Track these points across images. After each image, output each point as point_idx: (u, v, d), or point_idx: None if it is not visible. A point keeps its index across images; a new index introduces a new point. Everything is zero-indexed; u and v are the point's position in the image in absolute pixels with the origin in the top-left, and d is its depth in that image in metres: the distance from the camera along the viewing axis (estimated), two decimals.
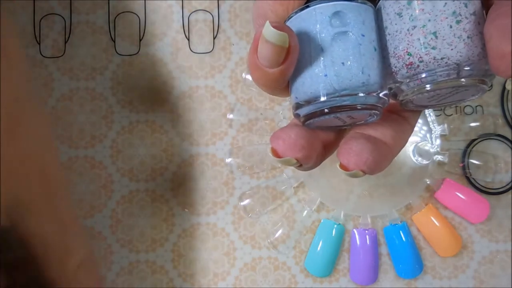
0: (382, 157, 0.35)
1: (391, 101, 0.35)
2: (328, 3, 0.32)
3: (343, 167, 0.34)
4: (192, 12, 0.60)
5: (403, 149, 0.38)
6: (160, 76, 0.60)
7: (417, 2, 0.31)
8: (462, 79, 0.30)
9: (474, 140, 0.59)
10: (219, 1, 0.60)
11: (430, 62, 0.30)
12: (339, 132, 0.38)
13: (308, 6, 0.32)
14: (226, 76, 0.60)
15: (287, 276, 0.59)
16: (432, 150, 0.58)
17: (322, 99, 0.31)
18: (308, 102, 0.32)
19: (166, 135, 0.60)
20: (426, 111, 0.58)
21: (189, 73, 0.60)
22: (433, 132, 0.58)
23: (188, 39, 0.60)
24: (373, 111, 0.32)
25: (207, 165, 0.60)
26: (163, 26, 0.60)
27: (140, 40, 0.60)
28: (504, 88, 0.59)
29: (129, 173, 0.60)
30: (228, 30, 0.60)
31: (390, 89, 0.33)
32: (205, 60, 0.60)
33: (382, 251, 0.59)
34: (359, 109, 0.32)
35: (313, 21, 0.32)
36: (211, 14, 0.60)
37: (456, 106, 0.59)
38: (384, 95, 0.32)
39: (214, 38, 0.60)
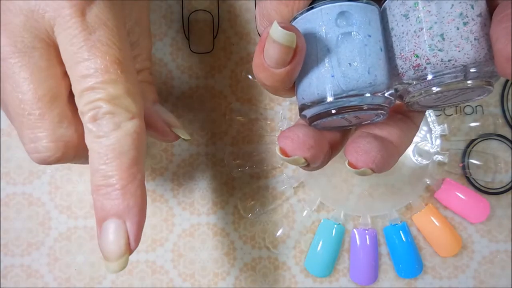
0: (390, 156, 0.35)
1: (397, 101, 0.35)
2: (333, 4, 0.32)
3: (351, 165, 0.34)
4: (192, 12, 0.60)
5: None
6: (160, 76, 0.60)
7: (423, 4, 0.31)
8: (469, 81, 0.30)
9: (474, 140, 0.59)
10: (219, 1, 0.60)
11: (437, 64, 0.30)
12: (344, 132, 0.38)
13: (313, 7, 0.32)
14: (226, 76, 0.60)
15: (287, 276, 0.59)
16: (432, 150, 0.58)
17: (329, 99, 0.31)
18: (315, 103, 0.32)
19: None
20: (426, 111, 0.58)
21: (189, 73, 0.60)
22: (433, 132, 0.58)
23: (188, 39, 0.60)
24: (380, 111, 0.32)
25: (207, 165, 0.60)
26: (163, 26, 0.60)
27: None
28: (504, 88, 0.59)
29: None
30: (228, 30, 0.60)
31: (396, 90, 0.33)
32: (205, 60, 0.60)
33: (382, 251, 0.59)
34: (366, 109, 0.32)
35: (319, 21, 0.32)
36: (211, 14, 0.60)
37: (456, 106, 0.59)
38: (390, 94, 0.32)
39: (214, 38, 0.60)
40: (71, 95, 0.38)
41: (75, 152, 0.39)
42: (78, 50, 0.36)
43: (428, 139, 0.58)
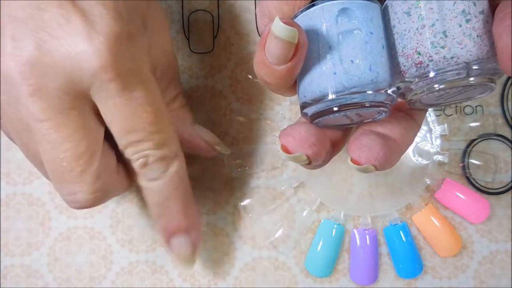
0: (392, 153, 0.35)
1: (398, 99, 0.35)
2: (335, 1, 0.32)
3: (354, 161, 0.34)
4: (192, 12, 0.60)
5: None
6: None
7: (425, 2, 0.31)
8: (471, 78, 0.30)
9: (474, 140, 0.59)
10: (219, 1, 0.60)
11: (439, 61, 0.30)
12: (346, 130, 0.38)
13: (314, 4, 0.32)
14: (226, 76, 0.60)
15: (287, 276, 0.59)
16: (432, 150, 0.58)
17: (331, 97, 0.31)
18: (317, 100, 0.32)
19: None
20: (427, 111, 0.58)
21: (189, 73, 0.60)
22: (433, 132, 0.58)
23: (188, 39, 0.60)
24: (382, 108, 0.32)
25: (207, 165, 0.60)
26: None
27: None
28: (504, 88, 0.59)
29: None
30: (228, 30, 0.60)
31: (398, 88, 0.33)
32: (205, 60, 0.60)
33: (382, 251, 0.59)
34: (368, 106, 0.32)
35: (320, 19, 0.32)
36: (211, 14, 0.60)
37: (456, 106, 0.59)
38: (393, 92, 0.32)
39: (214, 38, 0.60)
40: (104, 144, 0.41)
41: (111, 195, 0.43)
42: (120, 108, 0.38)
43: (428, 139, 0.58)
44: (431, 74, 0.31)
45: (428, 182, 0.58)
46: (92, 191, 0.40)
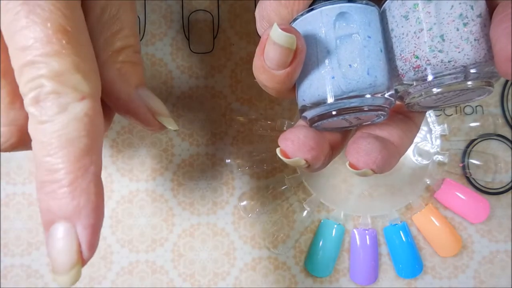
0: (390, 156, 0.35)
1: (397, 101, 0.35)
2: (333, 5, 0.32)
3: (352, 166, 0.34)
4: (192, 12, 0.60)
5: None
6: (160, 76, 0.60)
7: (423, 5, 0.31)
8: (469, 82, 0.30)
9: (474, 140, 0.59)
10: (219, 1, 0.60)
11: (437, 65, 0.30)
12: (345, 132, 0.38)
13: (313, 9, 0.32)
14: (226, 76, 0.60)
15: (287, 276, 0.59)
16: (432, 150, 0.58)
17: (330, 101, 0.31)
18: (316, 104, 0.32)
19: (166, 135, 0.60)
20: (427, 111, 0.58)
21: (189, 73, 0.60)
22: (433, 132, 0.58)
23: (188, 39, 0.60)
24: (380, 112, 0.32)
25: (207, 165, 0.60)
26: (163, 26, 0.60)
27: (140, 40, 0.60)
28: (504, 88, 0.59)
29: (129, 173, 0.59)
30: (228, 30, 0.60)
31: (396, 91, 0.33)
32: (205, 60, 0.60)
33: (382, 251, 0.59)
34: (366, 110, 0.32)
35: (318, 23, 0.32)
36: (211, 14, 0.60)
37: (456, 106, 0.59)
38: (391, 95, 0.32)
39: (214, 38, 0.60)
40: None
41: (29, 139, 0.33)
42: (15, 16, 0.30)
43: (428, 139, 0.58)
44: (429, 78, 0.31)
45: (428, 182, 0.58)
46: (4, 122, 0.34)
